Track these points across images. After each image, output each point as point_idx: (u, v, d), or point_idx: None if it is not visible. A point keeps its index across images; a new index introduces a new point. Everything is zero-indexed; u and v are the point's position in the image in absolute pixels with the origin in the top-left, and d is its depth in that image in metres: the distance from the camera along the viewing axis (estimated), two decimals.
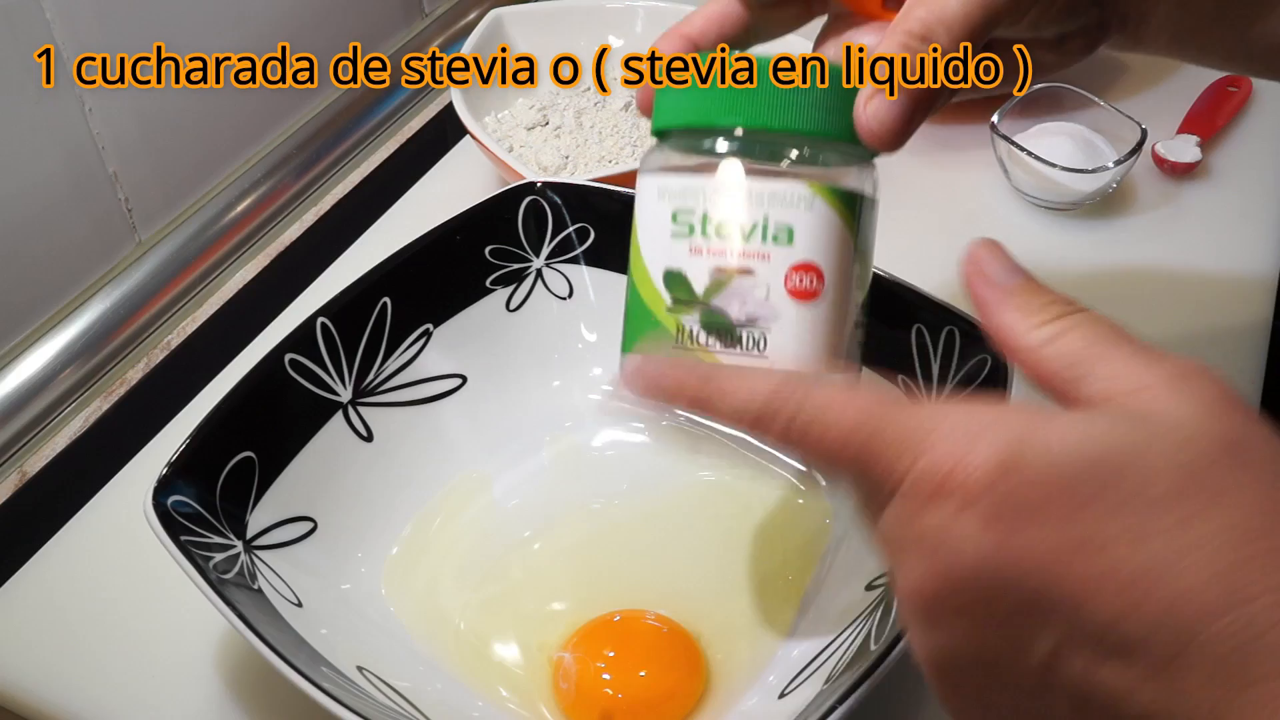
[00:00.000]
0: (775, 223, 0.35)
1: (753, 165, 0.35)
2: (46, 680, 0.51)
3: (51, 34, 0.60)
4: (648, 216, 0.37)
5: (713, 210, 0.35)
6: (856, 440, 0.30)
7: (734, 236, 0.35)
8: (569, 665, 0.48)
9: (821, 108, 0.36)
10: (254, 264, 0.74)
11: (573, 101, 0.76)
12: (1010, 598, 0.27)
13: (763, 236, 0.35)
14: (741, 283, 0.35)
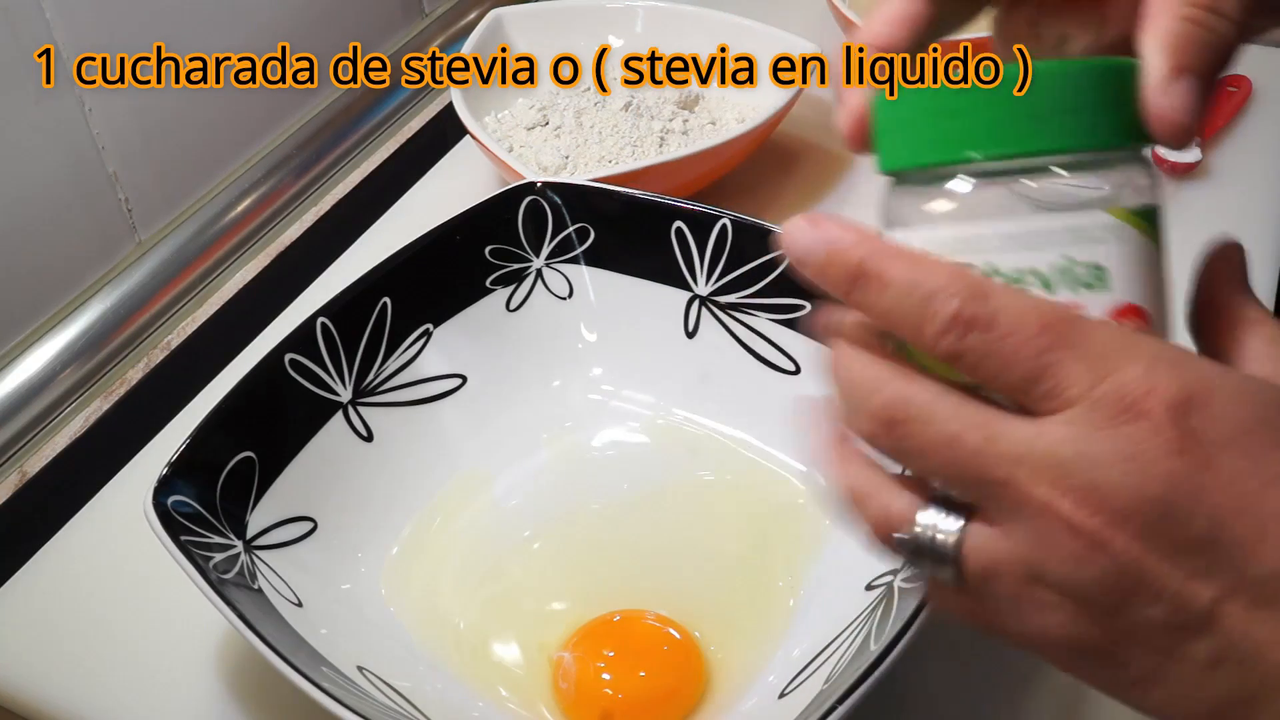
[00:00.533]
0: (1082, 265, 0.29)
1: (1038, 198, 0.29)
2: (46, 680, 0.51)
3: (51, 34, 0.60)
4: None
5: (1002, 263, 0.29)
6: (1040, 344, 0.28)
7: (1035, 289, 0.29)
8: (569, 665, 0.48)
9: (1106, 110, 0.30)
10: (254, 264, 0.74)
11: (573, 101, 0.76)
12: (1194, 528, 0.27)
13: (1071, 284, 0.29)
14: None
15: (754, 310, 0.56)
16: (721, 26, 0.79)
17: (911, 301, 0.29)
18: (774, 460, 0.56)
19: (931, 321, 0.29)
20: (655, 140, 0.73)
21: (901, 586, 0.44)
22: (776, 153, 0.77)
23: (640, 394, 0.59)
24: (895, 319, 0.30)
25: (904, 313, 0.29)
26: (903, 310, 0.29)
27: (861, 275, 0.30)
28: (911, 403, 0.29)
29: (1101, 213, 0.29)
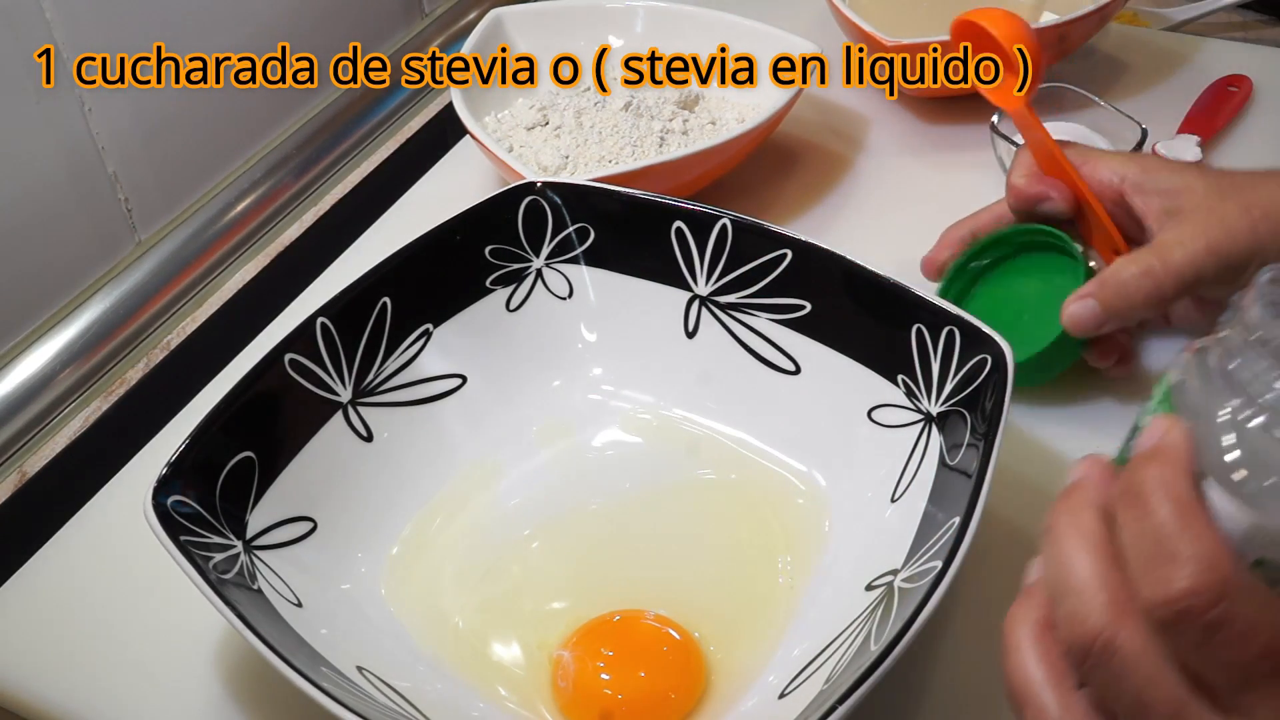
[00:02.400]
0: None
1: None
2: (46, 680, 0.50)
3: (51, 34, 0.60)
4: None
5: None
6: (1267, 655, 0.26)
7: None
8: (568, 664, 0.48)
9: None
10: (254, 264, 0.74)
11: (573, 101, 0.76)
12: None
13: None
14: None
15: (754, 310, 0.56)
16: (721, 26, 0.79)
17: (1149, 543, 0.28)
18: (774, 460, 0.56)
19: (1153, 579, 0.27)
20: (655, 140, 0.73)
21: (902, 586, 0.44)
22: (776, 153, 0.77)
23: (640, 394, 0.59)
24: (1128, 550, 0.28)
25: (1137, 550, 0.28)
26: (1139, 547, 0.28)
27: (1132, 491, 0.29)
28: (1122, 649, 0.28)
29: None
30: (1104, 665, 0.28)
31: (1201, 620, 0.26)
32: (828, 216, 0.72)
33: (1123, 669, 0.28)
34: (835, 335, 0.54)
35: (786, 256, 0.55)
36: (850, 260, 0.53)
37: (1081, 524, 0.30)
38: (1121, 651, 0.28)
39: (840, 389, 0.54)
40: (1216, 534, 0.27)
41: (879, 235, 0.69)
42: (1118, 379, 0.58)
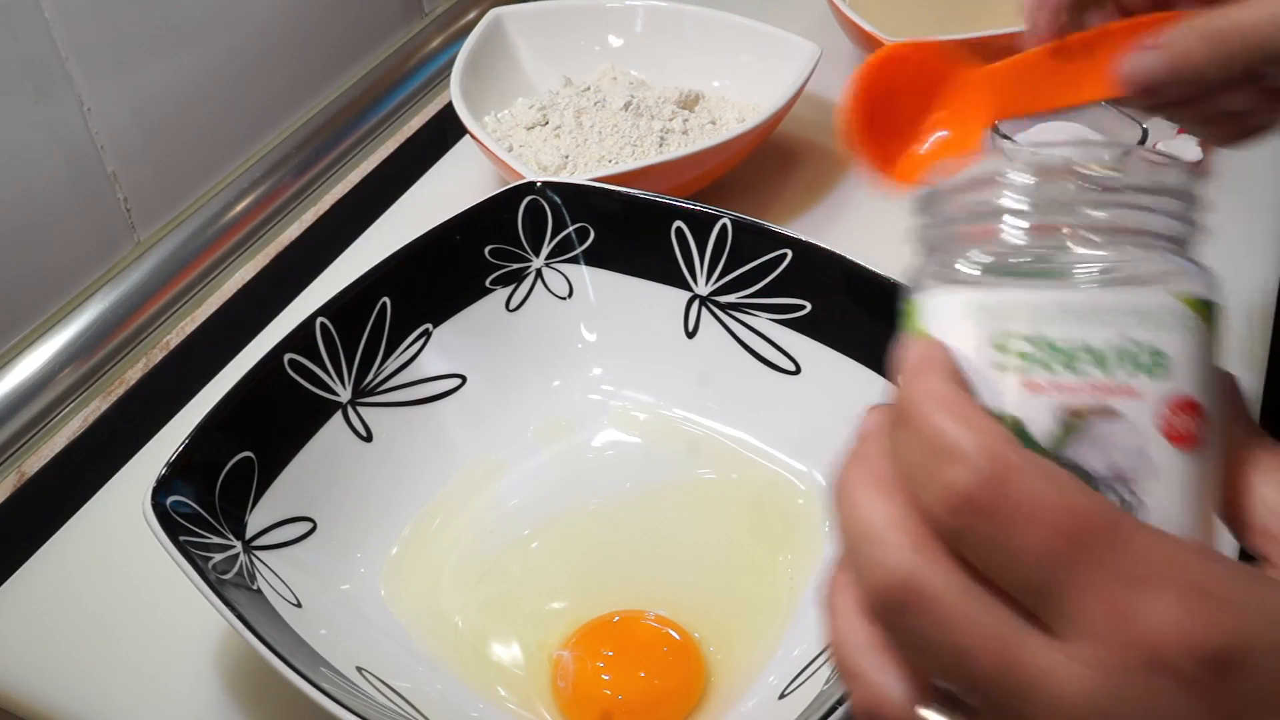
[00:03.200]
0: (1143, 348, 0.26)
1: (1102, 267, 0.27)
2: (46, 680, 0.50)
3: (51, 34, 0.60)
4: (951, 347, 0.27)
5: (1055, 334, 0.26)
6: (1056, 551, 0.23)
7: (1086, 366, 0.26)
8: (568, 665, 0.47)
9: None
10: (253, 264, 0.74)
11: (572, 101, 0.76)
12: None
13: (1129, 367, 0.26)
14: (1103, 426, 0.26)
15: (754, 310, 0.56)
16: (721, 26, 0.79)
17: (925, 454, 0.25)
18: (774, 460, 0.56)
19: (937, 486, 0.24)
20: (655, 140, 0.73)
21: None
22: (776, 153, 0.77)
23: (640, 394, 0.59)
24: (908, 469, 0.26)
25: (916, 464, 0.25)
26: (916, 461, 0.25)
27: (902, 409, 0.26)
28: (922, 590, 0.24)
29: (1165, 294, 0.27)
30: (914, 612, 0.25)
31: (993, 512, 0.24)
32: (828, 216, 0.72)
33: (934, 611, 0.24)
34: (835, 335, 0.54)
35: (786, 256, 0.55)
36: (850, 260, 0.53)
37: (869, 469, 0.27)
38: (929, 590, 0.24)
39: (840, 389, 0.54)
40: (987, 419, 0.25)
41: (879, 235, 0.69)
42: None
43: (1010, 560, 0.24)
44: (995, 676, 0.24)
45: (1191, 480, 0.26)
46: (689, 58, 0.80)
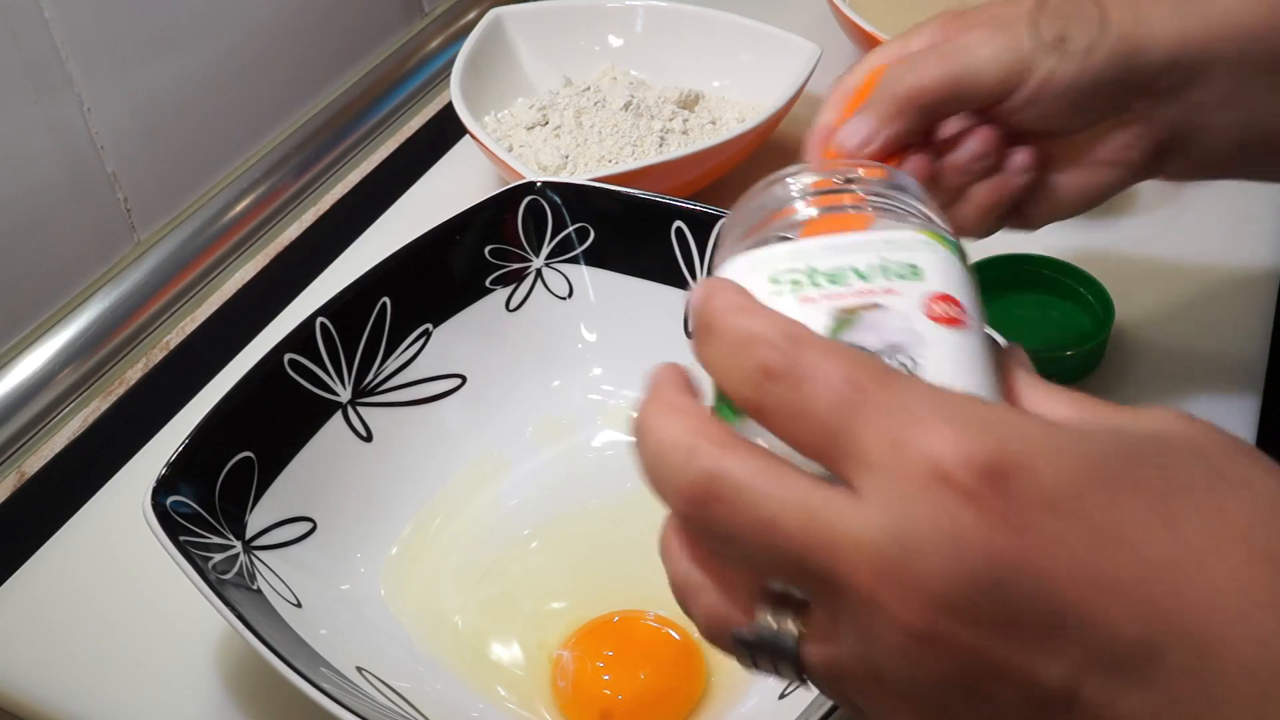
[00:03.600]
0: (897, 263, 0.30)
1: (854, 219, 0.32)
2: (46, 680, 0.50)
3: (51, 34, 0.60)
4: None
5: (821, 264, 0.30)
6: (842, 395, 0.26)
7: (851, 280, 0.30)
8: (568, 664, 0.47)
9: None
10: (253, 264, 0.74)
11: (572, 101, 0.76)
12: (1028, 604, 0.24)
13: (886, 276, 0.30)
14: (872, 315, 0.29)
15: None
16: (721, 26, 0.79)
17: (729, 349, 0.27)
18: None
19: (740, 370, 0.27)
20: (655, 140, 0.73)
21: None
22: (776, 153, 0.77)
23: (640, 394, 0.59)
24: (716, 370, 0.28)
25: (721, 361, 0.28)
26: (721, 358, 0.28)
27: (703, 326, 0.28)
28: (727, 477, 0.26)
29: (913, 231, 0.31)
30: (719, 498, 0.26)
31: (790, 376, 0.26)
32: None
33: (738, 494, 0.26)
34: None
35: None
36: None
37: (660, 402, 0.29)
38: (730, 475, 0.26)
39: None
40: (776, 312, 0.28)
41: None
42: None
43: (807, 418, 0.26)
44: (802, 540, 0.25)
45: (961, 351, 0.29)
46: (689, 58, 0.80)
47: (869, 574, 0.25)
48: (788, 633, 0.27)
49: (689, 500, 0.27)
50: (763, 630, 0.28)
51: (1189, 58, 0.42)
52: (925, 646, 0.25)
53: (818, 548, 0.25)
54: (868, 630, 0.25)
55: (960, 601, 0.24)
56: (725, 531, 0.26)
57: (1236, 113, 0.44)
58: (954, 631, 0.24)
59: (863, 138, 0.43)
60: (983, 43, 0.42)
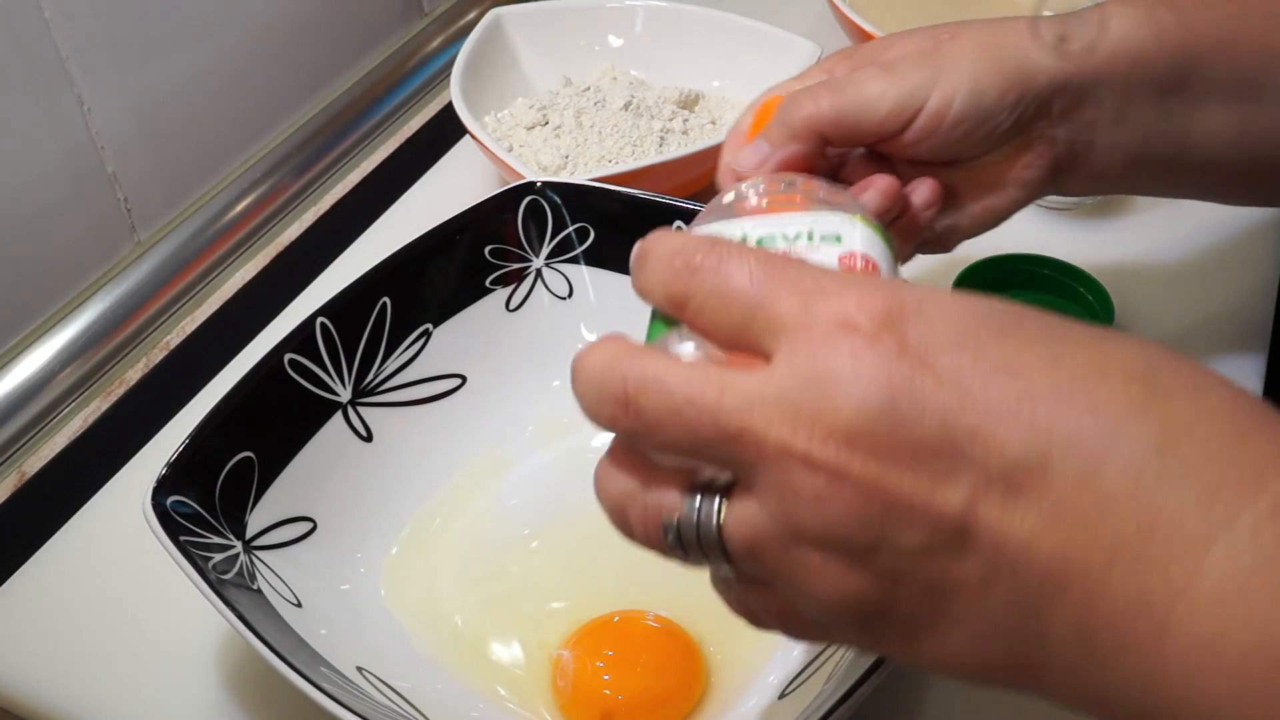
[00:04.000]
0: (821, 232, 0.34)
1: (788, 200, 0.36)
2: (46, 680, 0.50)
3: (51, 34, 0.60)
4: None
5: (753, 232, 0.35)
6: (757, 277, 0.29)
7: (779, 243, 0.34)
8: (568, 664, 0.48)
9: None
10: (253, 264, 0.74)
11: (572, 101, 0.76)
12: (925, 430, 0.26)
13: (810, 240, 0.34)
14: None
15: None
16: (721, 26, 0.79)
17: (660, 261, 0.31)
18: None
19: (670, 269, 0.30)
20: (655, 140, 0.73)
21: None
22: None
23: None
24: (649, 280, 0.31)
25: (653, 271, 0.31)
26: (653, 270, 0.31)
27: (640, 255, 0.32)
28: (645, 374, 0.29)
29: (841, 213, 0.35)
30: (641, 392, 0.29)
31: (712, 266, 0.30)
32: None
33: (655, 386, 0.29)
34: None
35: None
36: None
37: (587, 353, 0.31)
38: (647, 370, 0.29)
39: None
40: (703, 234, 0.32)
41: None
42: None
43: (728, 297, 0.29)
44: (718, 409, 0.28)
45: None
46: (689, 58, 0.80)
47: (781, 424, 0.27)
48: (711, 512, 0.30)
49: (617, 403, 0.29)
50: (689, 515, 0.30)
51: (1078, 81, 0.44)
52: (834, 483, 0.27)
53: (734, 412, 0.28)
54: (784, 484, 0.28)
55: (863, 431, 0.27)
56: (651, 423, 0.29)
57: (1125, 131, 0.46)
58: (860, 465, 0.27)
59: (757, 161, 0.45)
60: (872, 79, 0.44)
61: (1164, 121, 0.46)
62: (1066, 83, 0.44)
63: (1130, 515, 0.26)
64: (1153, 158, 0.47)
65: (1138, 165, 0.47)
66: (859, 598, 0.28)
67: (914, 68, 0.44)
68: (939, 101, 0.43)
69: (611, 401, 0.30)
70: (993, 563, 0.27)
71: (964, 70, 0.43)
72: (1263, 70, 0.45)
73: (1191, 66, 0.45)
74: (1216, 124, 0.46)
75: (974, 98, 0.43)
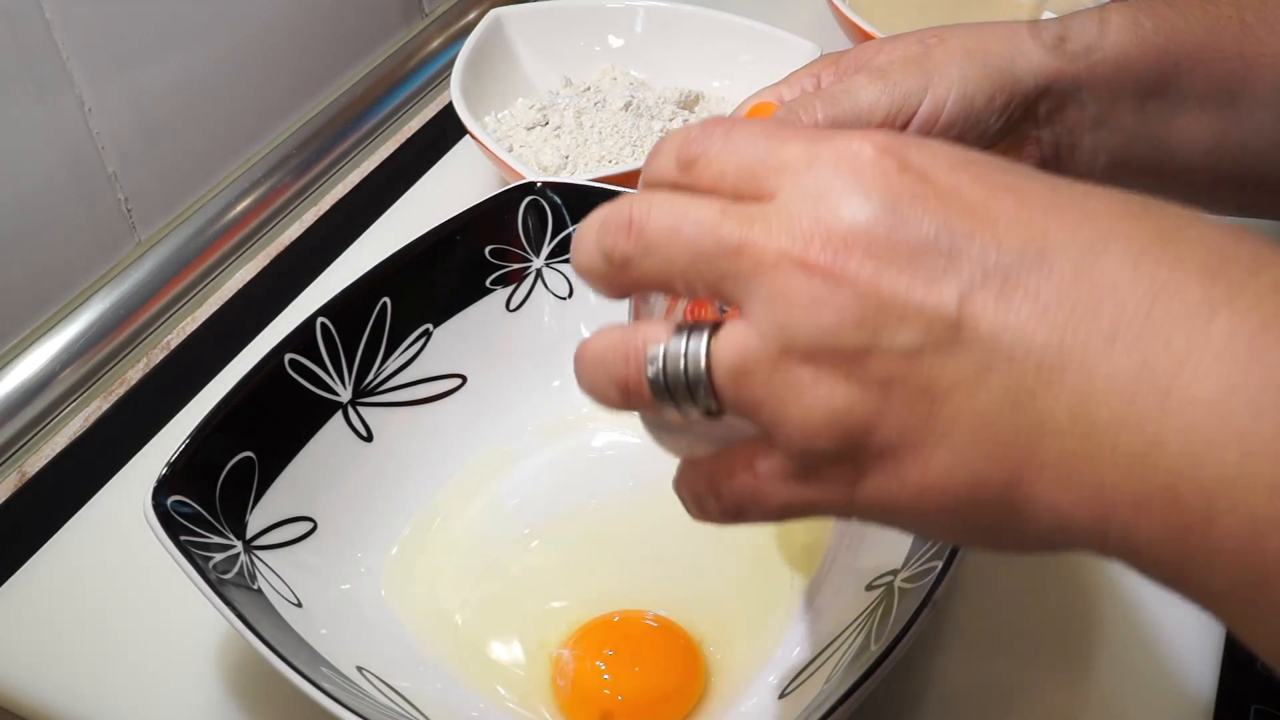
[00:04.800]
0: None
1: None
2: (46, 680, 0.50)
3: (51, 34, 0.60)
4: None
5: None
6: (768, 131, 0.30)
7: None
8: (568, 664, 0.48)
9: None
10: (254, 264, 0.74)
11: (573, 101, 0.76)
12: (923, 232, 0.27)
13: None
14: None
15: None
16: (721, 27, 0.79)
17: (673, 139, 0.32)
18: None
19: (680, 142, 0.31)
20: (655, 140, 0.73)
21: (902, 586, 0.44)
22: None
23: None
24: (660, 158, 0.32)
25: (666, 147, 0.32)
26: (666, 148, 0.32)
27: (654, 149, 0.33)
28: (651, 199, 0.30)
29: None
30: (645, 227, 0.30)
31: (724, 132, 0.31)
32: None
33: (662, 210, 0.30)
34: None
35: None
36: None
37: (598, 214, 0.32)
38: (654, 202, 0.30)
39: None
40: None
41: None
42: None
43: (736, 152, 0.30)
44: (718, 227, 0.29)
45: None
46: (689, 58, 0.80)
47: (780, 234, 0.28)
48: (701, 339, 0.30)
49: (621, 228, 0.30)
50: (677, 342, 0.30)
51: (1061, 84, 0.44)
52: (830, 285, 0.27)
53: (735, 226, 0.29)
54: (779, 291, 0.28)
55: (861, 234, 0.27)
56: (651, 240, 0.30)
57: (1107, 134, 0.46)
58: (856, 266, 0.27)
59: None
60: (864, 87, 0.44)
61: (1145, 126, 0.46)
62: (1050, 85, 0.44)
63: (1129, 296, 0.26)
64: (1135, 162, 0.47)
65: (1120, 169, 0.47)
66: (846, 413, 0.28)
67: (905, 74, 0.44)
68: (930, 107, 0.44)
69: (616, 227, 0.30)
70: (987, 356, 0.27)
71: (953, 75, 0.44)
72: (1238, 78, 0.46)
73: (1171, 72, 0.45)
74: (1196, 130, 0.46)
75: (964, 102, 0.44)
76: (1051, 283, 0.26)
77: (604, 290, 0.32)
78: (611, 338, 0.32)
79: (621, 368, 0.31)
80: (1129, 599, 0.50)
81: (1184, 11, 0.46)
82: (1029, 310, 0.26)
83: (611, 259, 0.31)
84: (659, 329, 0.31)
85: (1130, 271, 0.26)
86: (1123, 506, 0.25)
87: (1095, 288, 0.26)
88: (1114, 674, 0.48)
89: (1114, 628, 0.50)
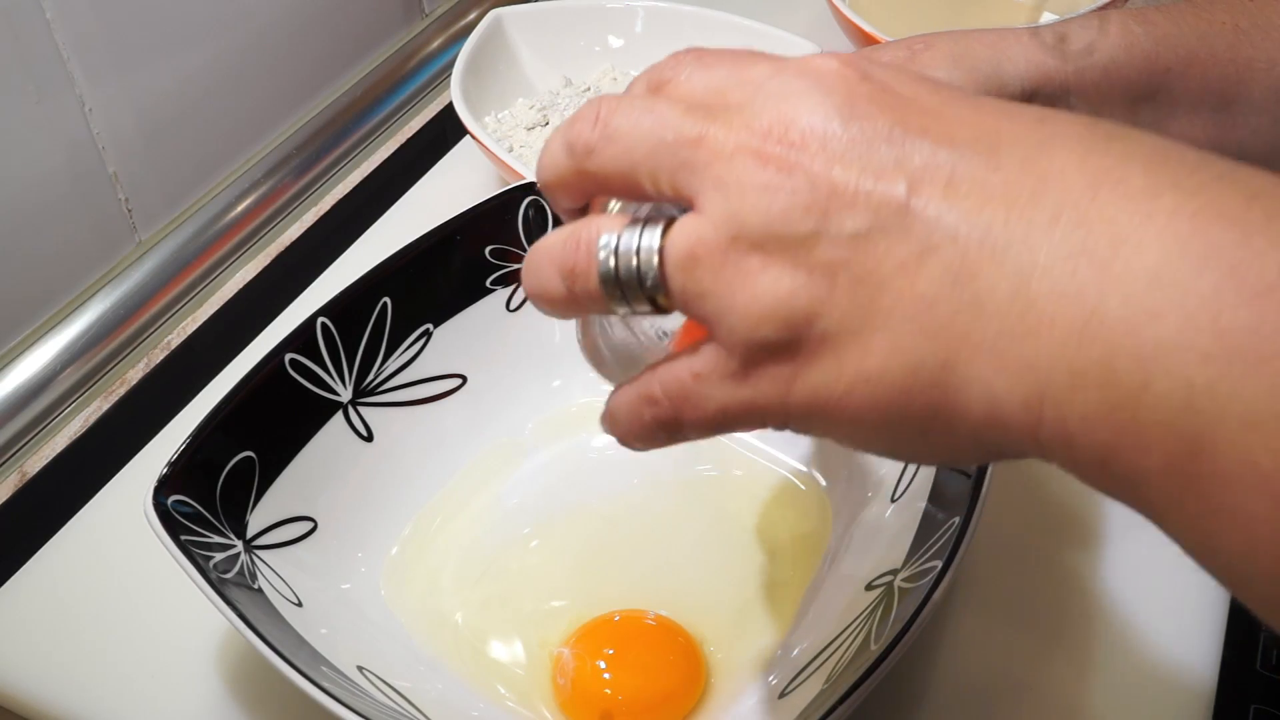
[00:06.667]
0: None
1: None
2: (47, 680, 0.51)
3: (52, 34, 0.60)
4: None
5: None
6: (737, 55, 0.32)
7: None
8: (568, 663, 0.48)
9: None
10: (254, 264, 0.74)
11: (573, 102, 0.76)
12: (878, 128, 0.28)
13: None
14: None
15: None
16: (721, 27, 0.79)
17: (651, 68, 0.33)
18: (774, 460, 0.56)
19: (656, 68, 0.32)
20: None
21: (902, 586, 0.44)
22: None
23: None
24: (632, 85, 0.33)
25: (641, 76, 0.33)
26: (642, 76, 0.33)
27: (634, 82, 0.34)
28: (618, 100, 0.31)
29: None
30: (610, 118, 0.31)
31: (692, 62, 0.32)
32: None
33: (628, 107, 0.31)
34: None
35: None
36: None
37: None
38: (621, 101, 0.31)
39: None
40: None
41: None
42: None
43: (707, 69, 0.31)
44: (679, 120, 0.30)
45: None
46: None
47: (740, 129, 0.29)
48: (655, 229, 0.30)
49: (587, 121, 0.31)
50: (630, 232, 0.31)
51: (1049, 89, 0.45)
52: (783, 172, 0.28)
53: (698, 122, 0.30)
54: (732, 179, 0.29)
55: (818, 130, 0.28)
56: (614, 131, 0.31)
57: None
58: (810, 157, 0.28)
59: None
60: None
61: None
62: (1038, 89, 0.44)
63: (1075, 182, 0.26)
64: None
65: None
66: (790, 298, 0.28)
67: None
68: None
69: (582, 119, 0.31)
70: (931, 237, 0.27)
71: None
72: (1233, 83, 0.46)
73: (1162, 77, 0.45)
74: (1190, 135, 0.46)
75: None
76: (1000, 173, 0.27)
77: (562, 198, 0.33)
78: (563, 229, 0.32)
79: (571, 254, 0.32)
80: (1129, 600, 0.50)
81: (1176, 17, 0.46)
82: (976, 196, 0.27)
83: (574, 149, 0.32)
84: (614, 221, 0.31)
85: (1077, 162, 0.27)
86: (1058, 385, 0.26)
87: (1042, 177, 0.27)
88: (1114, 674, 0.48)
89: (1114, 628, 0.50)
